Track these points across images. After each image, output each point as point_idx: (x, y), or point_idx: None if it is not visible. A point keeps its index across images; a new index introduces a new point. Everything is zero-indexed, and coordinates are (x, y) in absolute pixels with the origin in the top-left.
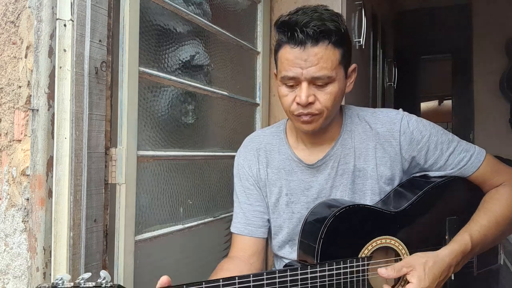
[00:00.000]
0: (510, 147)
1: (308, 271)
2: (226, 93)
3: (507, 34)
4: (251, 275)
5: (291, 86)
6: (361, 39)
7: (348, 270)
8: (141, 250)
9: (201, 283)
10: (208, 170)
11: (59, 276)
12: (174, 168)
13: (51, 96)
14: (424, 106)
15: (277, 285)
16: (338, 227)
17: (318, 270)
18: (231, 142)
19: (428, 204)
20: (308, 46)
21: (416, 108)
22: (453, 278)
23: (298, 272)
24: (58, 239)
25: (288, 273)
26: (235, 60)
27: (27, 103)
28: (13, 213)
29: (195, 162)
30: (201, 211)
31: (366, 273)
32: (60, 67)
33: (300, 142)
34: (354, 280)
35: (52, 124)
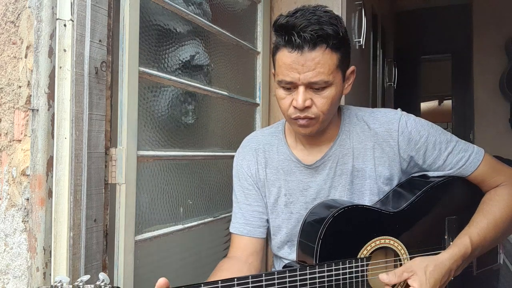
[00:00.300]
0: (510, 147)
1: (307, 271)
2: (226, 93)
3: (507, 34)
4: (250, 277)
5: (289, 89)
6: (361, 39)
7: (347, 271)
8: (141, 250)
9: (199, 285)
10: (208, 170)
11: (58, 278)
12: (174, 168)
13: (51, 96)
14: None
15: (276, 286)
16: (337, 227)
17: (317, 271)
18: (231, 142)
19: (427, 204)
20: (306, 50)
21: (416, 108)
22: (452, 278)
23: (297, 273)
24: (58, 239)
25: (287, 274)
26: (235, 60)
27: (27, 103)
28: (13, 213)
29: (195, 162)
30: (201, 211)
31: (365, 273)
32: (60, 67)
33: (299, 142)
34: (354, 281)
35: (52, 124)
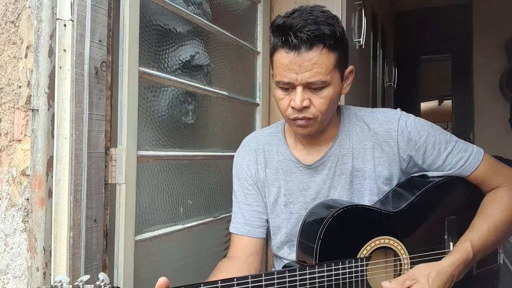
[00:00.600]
0: (510, 147)
1: (306, 271)
2: (226, 93)
3: (507, 34)
4: (249, 276)
5: (287, 89)
6: (361, 39)
7: (347, 271)
8: (141, 250)
9: (199, 285)
10: (208, 170)
11: (58, 278)
12: (174, 168)
13: (51, 96)
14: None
15: (275, 286)
16: (337, 227)
17: (316, 270)
18: (231, 142)
19: (427, 204)
20: (303, 51)
21: (416, 108)
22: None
23: (297, 273)
24: (58, 239)
25: (286, 274)
26: (235, 60)
27: (27, 103)
28: (13, 213)
29: (195, 162)
30: (201, 211)
31: (365, 273)
32: (60, 67)
33: (298, 142)
34: (353, 281)
35: (52, 124)
